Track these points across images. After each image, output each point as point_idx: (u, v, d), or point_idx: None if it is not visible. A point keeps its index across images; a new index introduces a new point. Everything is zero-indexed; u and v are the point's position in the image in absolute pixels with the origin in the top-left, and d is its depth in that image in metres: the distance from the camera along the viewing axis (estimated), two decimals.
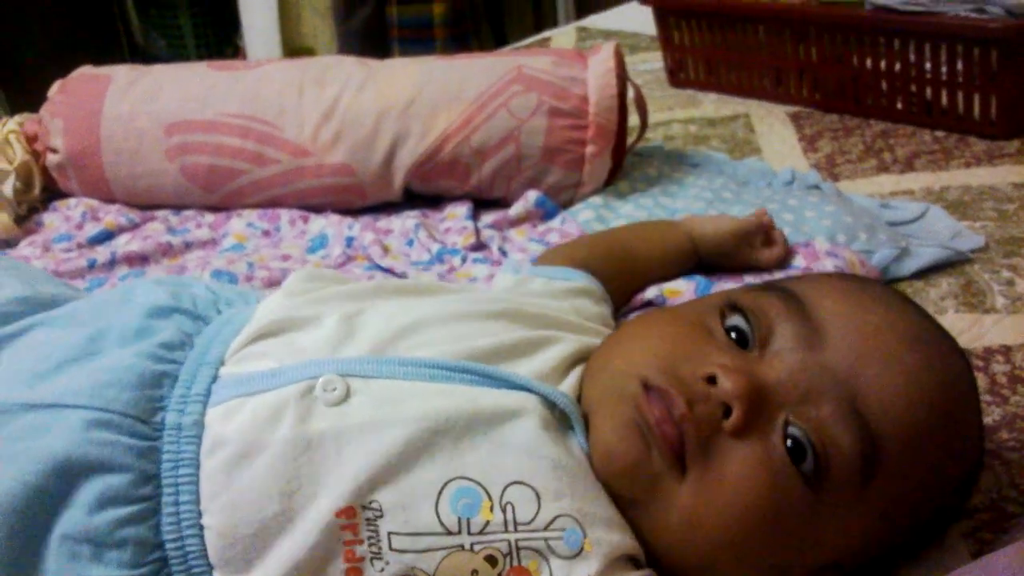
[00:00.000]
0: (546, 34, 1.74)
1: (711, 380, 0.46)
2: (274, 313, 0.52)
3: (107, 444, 0.44)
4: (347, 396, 0.46)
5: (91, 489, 0.44)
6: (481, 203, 0.96)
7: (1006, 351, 0.70)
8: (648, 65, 1.45)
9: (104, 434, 0.45)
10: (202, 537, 0.44)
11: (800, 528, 0.45)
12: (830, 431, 0.45)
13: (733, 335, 0.49)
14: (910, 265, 0.79)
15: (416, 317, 0.52)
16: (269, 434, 0.45)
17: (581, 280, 0.65)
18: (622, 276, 0.70)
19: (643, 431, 0.46)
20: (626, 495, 0.46)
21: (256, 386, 0.47)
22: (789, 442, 0.45)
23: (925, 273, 0.80)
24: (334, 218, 0.94)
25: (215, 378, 0.48)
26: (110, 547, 0.43)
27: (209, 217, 0.97)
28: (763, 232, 0.77)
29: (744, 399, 0.44)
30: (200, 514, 0.45)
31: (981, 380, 0.66)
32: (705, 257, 0.76)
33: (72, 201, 1.00)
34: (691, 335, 0.49)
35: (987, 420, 0.62)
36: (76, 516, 0.43)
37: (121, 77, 1.00)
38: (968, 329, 0.72)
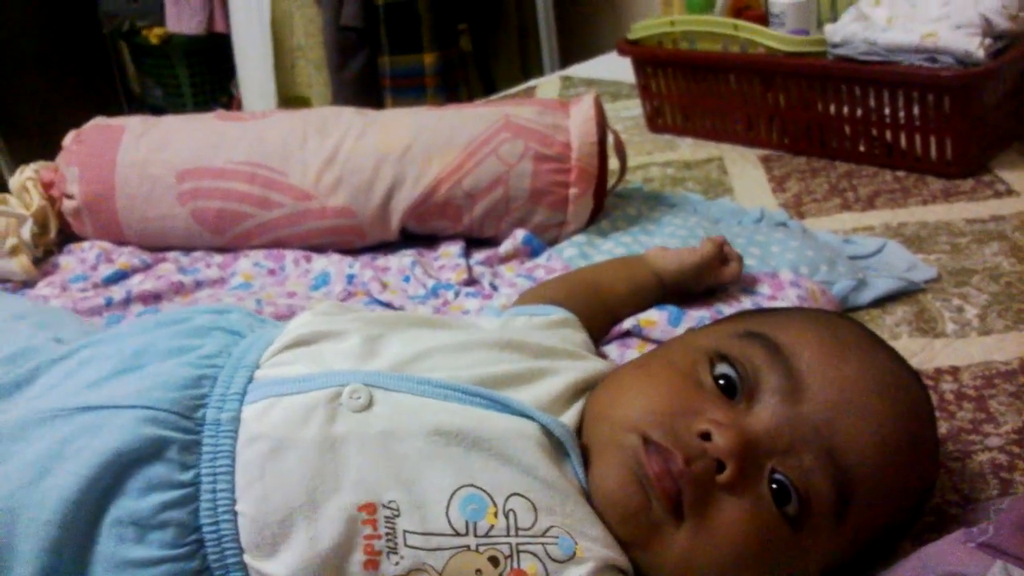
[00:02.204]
0: (532, 83, 1.80)
1: (705, 436, 0.50)
2: (305, 326, 0.58)
3: (154, 438, 0.49)
4: (370, 404, 0.51)
5: (139, 477, 0.48)
6: (473, 242, 1.02)
7: (954, 371, 0.76)
8: (628, 112, 1.52)
9: (152, 429, 0.49)
10: (236, 522, 0.49)
11: (782, 561, 0.51)
12: (812, 479, 0.50)
13: (721, 382, 0.53)
14: (868, 295, 0.86)
15: (431, 344, 0.57)
16: (299, 432, 0.50)
17: (558, 313, 0.70)
18: (591, 311, 0.74)
19: (643, 483, 0.50)
20: (627, 537, 0.50)
21: (288, 388, 0.52)
22: (774, 485, 0.50)
23: (882, 302, 0.86)
24: (335, 257, 1.00)
25: (251, 380, 0.53)
26: (154, 528, 0.48)
27: (218, 258, 1.02)
28: (720, 255, 0.83)
29: (737, 457, 0.49)
30: (235, 501, 0.49)
31: (931, 398, 0.72)
32: (671, 287, 0.81)
33: (86, 244, 1.05)
34: (684, 387, 0.53)
35: None
36: (125, 502, 0.48)
37: (134, 127, 1.06)
38: (920, 352, 0.79)
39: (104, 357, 0.55)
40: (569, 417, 0.55)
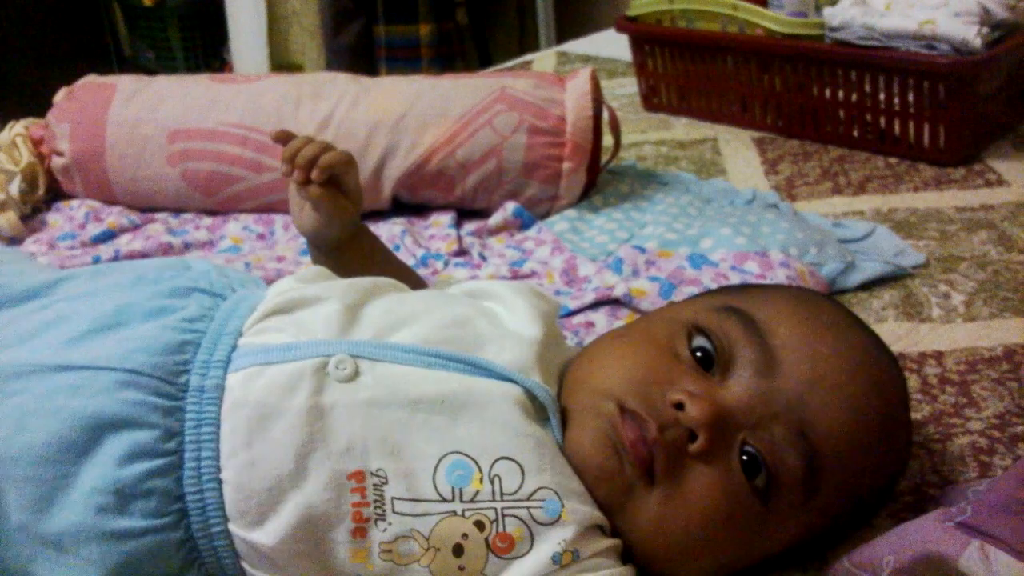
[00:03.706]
0: (527, 57, 1.80)
1: (679, 406, 0.51)
2: (287, 292, 0.57)
3: (136, 403, 0.48)
4: (355, 375, 0.51)
5: (120, 444, 0.48)
6: (464, 213, 1.02)
7: (938, 356, 0.76)
8: (624, 89, 1.51)
9: (133, 393, 0.49)
10: (220, 491, 0.48)
11: (751, 532, 0.52)
12: (781, 452, 0.51)
13: (698, 354, 0.54)
14: (855, 278, 0.86)
15: (412, 310, 0.57)
16: (286, 401, 0.49)
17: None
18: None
19: (616, 447, 0.51)
20: (602, 499, 0.51)
21: (273, 357, 0.52)
22: (744, 457, 0.51)
23: (869, 286, 0.87)
24: None
25: (234, 347, 0.53)
26: (137, 497, 0.47)
27: (207, 220, 1.02)
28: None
29: (708, 427, 0.50)
30: (219, 469, 0.49)
31: (915, 381, 0.73)
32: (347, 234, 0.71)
33: (75, 202, 1.05)
34: (661, 357, 0.54)
35: (917, 416, 0.69)
36: (105, 470, 0.47)
37: (126, 85, 1.05)
38: (905, 336, 0.79)
39: (83, 312, 0.54)
40: (549, 381, 0.55)
